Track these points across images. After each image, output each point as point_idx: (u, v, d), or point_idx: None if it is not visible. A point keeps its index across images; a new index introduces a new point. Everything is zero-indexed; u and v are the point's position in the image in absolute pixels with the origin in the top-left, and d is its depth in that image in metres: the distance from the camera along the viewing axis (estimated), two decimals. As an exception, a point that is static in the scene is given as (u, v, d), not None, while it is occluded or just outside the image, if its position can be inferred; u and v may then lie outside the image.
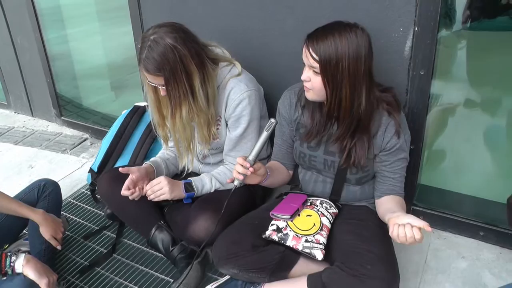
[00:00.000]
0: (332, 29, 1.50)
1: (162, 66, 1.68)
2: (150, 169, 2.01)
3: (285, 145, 1.87)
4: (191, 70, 1.72)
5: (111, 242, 2.18)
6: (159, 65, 1.68)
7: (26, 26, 3.27)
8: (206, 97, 1.80)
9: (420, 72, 1.81)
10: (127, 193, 1.89)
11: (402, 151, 1.65)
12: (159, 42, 1.68)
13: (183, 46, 1.70)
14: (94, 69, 3.63)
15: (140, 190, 1.93)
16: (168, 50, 1.68)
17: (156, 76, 1.72)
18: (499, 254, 1.93)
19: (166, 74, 1.69)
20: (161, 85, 1.76)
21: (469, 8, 2.10)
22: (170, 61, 1.68)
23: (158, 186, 1.89)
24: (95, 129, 3.29)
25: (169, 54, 1.68)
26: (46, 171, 2.92)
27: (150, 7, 2.49)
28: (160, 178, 1.91)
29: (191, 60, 1.72)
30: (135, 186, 1.92)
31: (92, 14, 3.40)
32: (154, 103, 1.91)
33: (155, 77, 1.73)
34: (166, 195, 1.89)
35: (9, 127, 3.65)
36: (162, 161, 2.10)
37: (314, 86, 1.56)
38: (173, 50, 1.68)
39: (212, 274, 1.91)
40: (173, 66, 1.69)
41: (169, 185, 1.89)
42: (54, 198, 2.04)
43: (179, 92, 1.74)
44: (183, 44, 1.70)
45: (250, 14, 2.14)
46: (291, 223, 1.69)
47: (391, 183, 1.69)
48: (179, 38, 1.70)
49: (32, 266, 1.61)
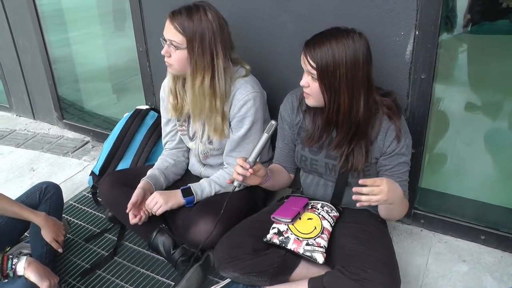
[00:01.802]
0: (329, 35, 1.51)
1: (192, 28, 1.73)
2: (147, 185, 2.01)
3: (287, 148, 1.88)
4: (218, 51, 1.77)
5: (112, 245, 2.18)
6: (188, 25, 1.73)
7: (28, 28, 3.28)
8: (224, 85, 1.83)
9: (421, 76, 1.81)
10: (136, 221, 1.93)
11: (402, 155, 1.65)
12: (201, 10, 1.75)
13: (218, 29, 1.76)
14: (95, 72, 3.64)
15: (146, 213, 1.96)
16: (204, 20, 1.74)
17: (175, 30, 1.75)
18: (500, 258, 1.93)
19: (192, 36, 1.73)
20: (170, 41, 1.78)
21: (470, 12, 2.10)
22: (202, 29, 1.73)
23: (153, 201, 1.92)
24: (97, 132, 3.30)
25: (204, 24, 1.73)
26: (48, 174, 2.92)
27: (151, 10, 2.50)
28: (153, 195, 1.94)
29: (219, 44, 1.76)
30: (139, 210, 1.95)
31: (94, 17, 3.41)
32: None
33: (173, 30, 1.76)
34: (163, 207, 1.91)
35: (11, 129, 3.65)
36: (160, 173, 2.10)
37: (313, 92, 1.58)
38: (208, 24, 1.74)
39: (213, 277, 1.91)
40: (202, 35, 1.73)
41: (162, 197, 1.92)
42: (55, 201, 2.04)
43: (203, 61, 1.77)
44: (219, 28, 1.76)
45: (251, 19, 2.15)
46: (292, 226, 1.69)
47: None
48: (218, 21, 1.77)
49: (33, 269, 1.61)
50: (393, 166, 1.67)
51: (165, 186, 2.09)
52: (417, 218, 2.11)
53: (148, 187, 2.00)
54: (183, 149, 2.20)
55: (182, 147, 2.20)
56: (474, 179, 2.20)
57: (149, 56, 2.63)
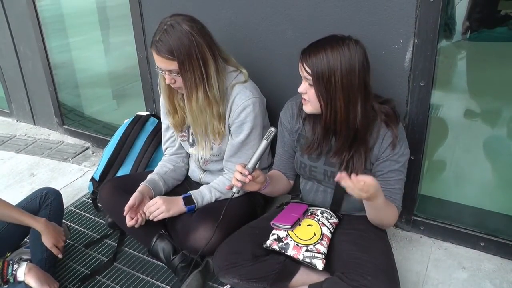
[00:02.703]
0: (325, 43, 1.53)
1: (177, 49, 1.71)
2: (146, 189, 2.01)
3: (286, 155, 1.88)
4: (207, 58, 1.76)
5: (112, 251, 2.18)
6: (173, 48, 1.71)
7: (29, 34, 3.29)
8: (218, 89, 1.82)
9: (420, 83, 1.82)
10: (132, 223, 1.92)
11: (396, 162, 1.65)
12: (175, 27, 1.72)
13: (198, 35, 1.74)
14: (96, 78, 3.65)
15: (142, 216, 1.94)
16: (183, 35, 1.72)
17: (166, 60, 1.74)
18: (500, 265, 1.93)
19: (181, 57, 1.72)
20: (168, 71, 1.78)
21: (468, 19, 2.12)
22: (185, 45, 1.71)
23: (154, 206, 1.92)
24: (97, 138, 3.30)
25: (185, 39, 1.71)
26: (48, 180, 2.92)
27: (152, 16, 2.51)
28: (155, 199, 1.94)
29: (206, 50, 1.76)
30: (136, 213, 1.94)
31: (94, 23, 3.42)
32: (165, 91, 1.94)
33: (165, 61, 1.75)
34: (164, 214, 1.92)
35: (11, 135, 3.66)
36: (159, 178, 2.10)
37: (310, 99, 1.60)
38: (188, 36, 1.72)
39: (213, 284, 1.91)
40: (188, 51, 1.72)
41: (165, 204, 1.92)
42: (56, 207, 2.05)
43: (194, 77, 1.76)
44: (199, 34, 1.75)
45: (251, 26, 2.16)
46: (291, 232, 1.69)
47: (386, 194, 1.62)
48: (196, 28, 1.75)
49: (34, 275, 1.62)
50: (385, 173, 1.66)
51: (164, 191, 2.09)
52: (416, 224, 2.12)
53: (147, 191, 2.00)
54: (183, 155, 2.21)
55: (182, 153, 2.20)
56: (473, 186, 2.21)
57: (150, 63, 2.64)
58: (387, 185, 1.66)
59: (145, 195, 1.98)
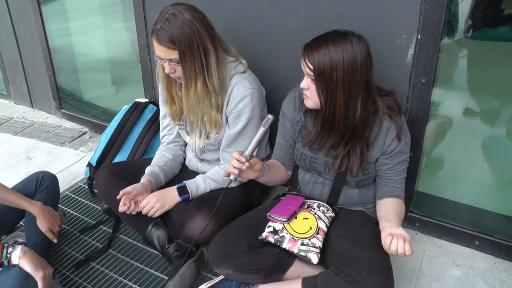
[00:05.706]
0: (327, 38, 1.53)
1: (178, 39, 1.70)
2: (148, 183, 2.01)
3: (286, 145, 1.88)
4: (208, 48, 1.76)
5: (107, 237, 2.18)
6: (175, 37, 1.70)
7: (29, 17, 3.27)
8: (218, 80, 1.82)
9: (422, 80, 1.82)
10: (124, 209, 1.91)
11: (403, 153, 1.68)
12: (177, 16, 1.71)
13: (200, 25, 1.73)
14: (95, 63, 3.62)
15: (136, 204, 1.94)
16: (185, 24, 1.71)
17: (167, 49, 1.73)
18: (493, 264, 1.94)
19: (182, 46, 1.71)
20: (168, 60, 1.77)
21: (471, 18, 2.10)
22: (187, 35, 1.70)
23: (148, 206, 1.92)
24: (95, 123, 3.29)
25: (186, 29, 1.70)
26: (44, 163, 2.91)
27: (153, 3, 2.49)
28: (148, 198, 1.94)
29: (207, 39, 1.75)
30: (130, 201, 1.93)
31: (95, 8, 3.40)
32: (163, 80, 1.93)
33: (165, 50, 1.74)
34: (160, 211, 1.93)
35: (8, 117, 3.64)
36: (160, 170, 2.09)
37: (312, 95, 1.59)
38: (190, 26, 1.71)
39: (207, 273, 1.91)
40: (190, 40, 1.71)
41: (159, 202, 1.92)
42: (52, 191, 2.04)
43: (194, 67, 1.75)
44: (201, 23, 1.74)
45: (254, 17, 2.14)
46: (287, 225, 1.69)
47: (392, 185, 1.71)
48: (197, 17, 1.74)
49: (28, 259, 1.61)
50: (394, 165, 1.69)
51: (164, 183, 2.09)
52: (412, 221, 2.12)
53: (149, 184, 2.00)
54: (181, 143, 2.20)
55: (180, 141, 2.20)
56: (470, 185, 2.21)
57: (150, 50, 2.63)
58: (396, 176, 1.70)
59: (146, 188, 1.98)
